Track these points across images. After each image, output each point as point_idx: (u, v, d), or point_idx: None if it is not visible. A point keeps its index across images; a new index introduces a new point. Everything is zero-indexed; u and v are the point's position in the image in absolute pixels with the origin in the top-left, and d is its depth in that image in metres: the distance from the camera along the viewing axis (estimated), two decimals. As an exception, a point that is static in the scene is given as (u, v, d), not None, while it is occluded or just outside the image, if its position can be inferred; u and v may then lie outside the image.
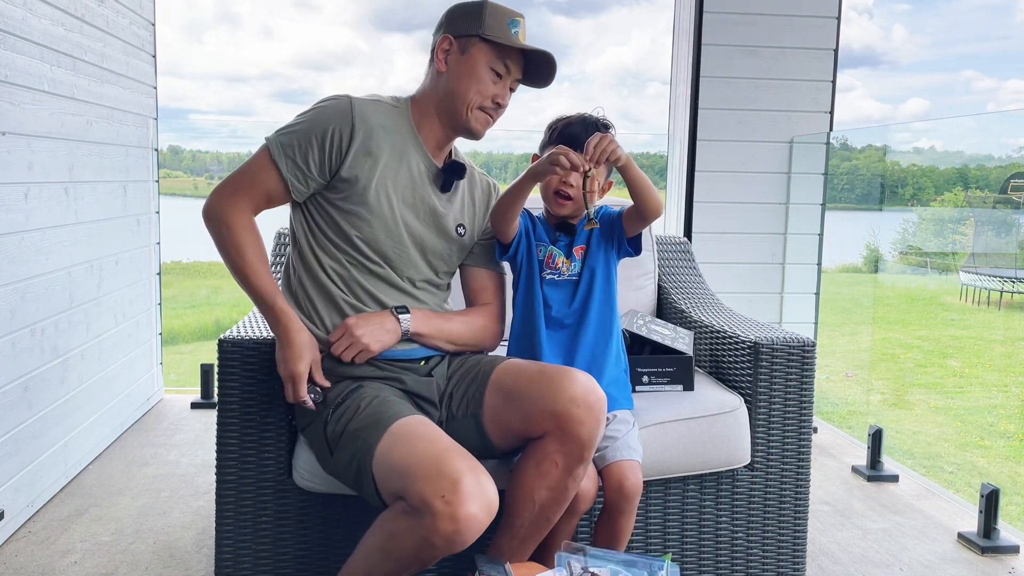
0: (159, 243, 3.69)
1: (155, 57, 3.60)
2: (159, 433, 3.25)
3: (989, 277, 6.97)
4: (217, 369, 1.77)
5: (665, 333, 2.13)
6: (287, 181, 1.66)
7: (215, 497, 1.81)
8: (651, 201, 1.71)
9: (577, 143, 1.71)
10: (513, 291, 1.90)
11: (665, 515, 1.94)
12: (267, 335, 1.78)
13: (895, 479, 2.92)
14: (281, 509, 1.81)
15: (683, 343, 2.09)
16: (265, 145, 1.68)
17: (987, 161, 6.73)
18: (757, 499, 1.97)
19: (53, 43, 2.57)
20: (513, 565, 1.53)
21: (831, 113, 3.72)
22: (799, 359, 1.95)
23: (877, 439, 2.98)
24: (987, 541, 2.37)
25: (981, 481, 2.43)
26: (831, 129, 3.73)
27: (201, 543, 2.30)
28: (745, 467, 1.96)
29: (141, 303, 3.46)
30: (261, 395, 1.77)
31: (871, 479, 2.92)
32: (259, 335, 1.79)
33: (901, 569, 2.26)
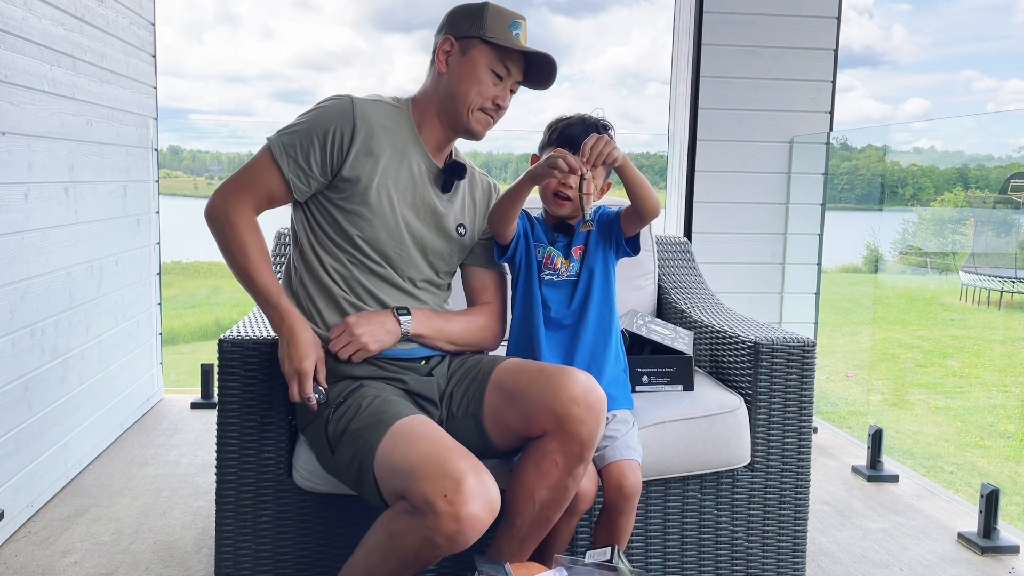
0: (159, 243, 3.69)
1: (155, 57, 3.60)
2: (159, 433, 3.25)
3: (989, 277, 6.97)
4: (217, 369, 1.77)
5: (665, 333, 2.13)
6: (289, 181, 1.67)
7: (215, 497, 1.81)
8: (649, 201, 1.71)
9: (576, 144, 1.72)
10: (512, 292, 1.90)
11: (665, 515, 1.94)
12: (267, 335, 1.78)
13: (895, 479, 2.92)
14: (281, 509, 1.81)
15: (683, 343, 2.09)
16: (267, 145, 1.68)
17: (987, 161, 6.73)
18: (757, 499, 1.97)
19: (53, 43, 2.57)
20: (513, 565, 1.53)
21: (831, 113, 3.72)
22: (799, 359, 1.95)
23: (877, 439, 2.98)
24: (987, 541, 2.37)
25: (981, 481, 2.43)
26: (831, 129, 3.73)
27: (201, 543, 2.30)
28: (745, 467, 1.96)
29: (141, 303, 3.46)
30: (261, 395, 1.77)
31: (871, 479, 2.92)
32: (259, 335, 1.79)
33: (901, 569, 2.26)
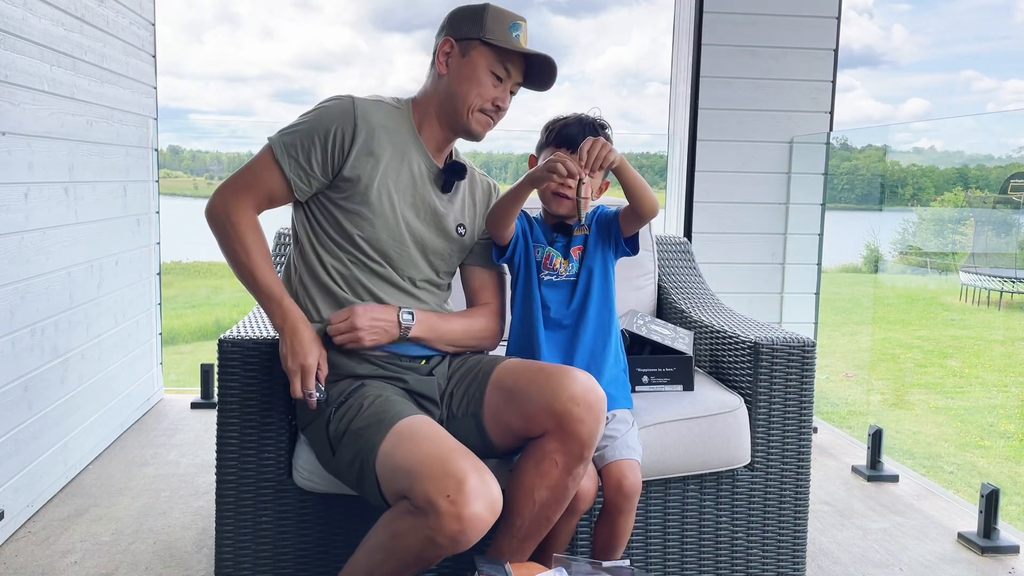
0: (159, 243, 3.69)
1: (155, 57, 3.60)
2: (159, 433, 3.25)
3: (989, 277, 6.97)
4: (217, 369, 1.77)
5: (665, 333, 2.13)
6: (290, 180, 1.67)
7: (215, 497, 1.81)
8: (647, 201, 1.71)
9: (574, 143, 1.75)
10: (511, 292, 1.90)
11: (665, 515, 1.94)
12: (267, 335, 1.78)
13: (895, 479, 2.92)
14: (281, 509, 1.81)
15: (683, 343, 2.09)
16: (268, 145, 1.68)
17: (987, 161, 6.73)
18: (757, 499, 1.97)
19: (53, 43, 2.57)
20: (513, 565, 1.53)
21: (831, 113, 3.72)
22: (799, 359, 1.95)
23: (877, 439, 2.98)
24: (987, 541, 2.37)
25: (981, 481, 2.43)
26: (831, 129, 3.73)
27: (201, 543, 2.30)
28: (745, 467, 1.96)
29: (141, 303, 3.46)
30: (261, 395, 1.77)
31: (871, 479, 2.92)
32: (259, 335, 1.79)
33: (901, 569, 2.26)
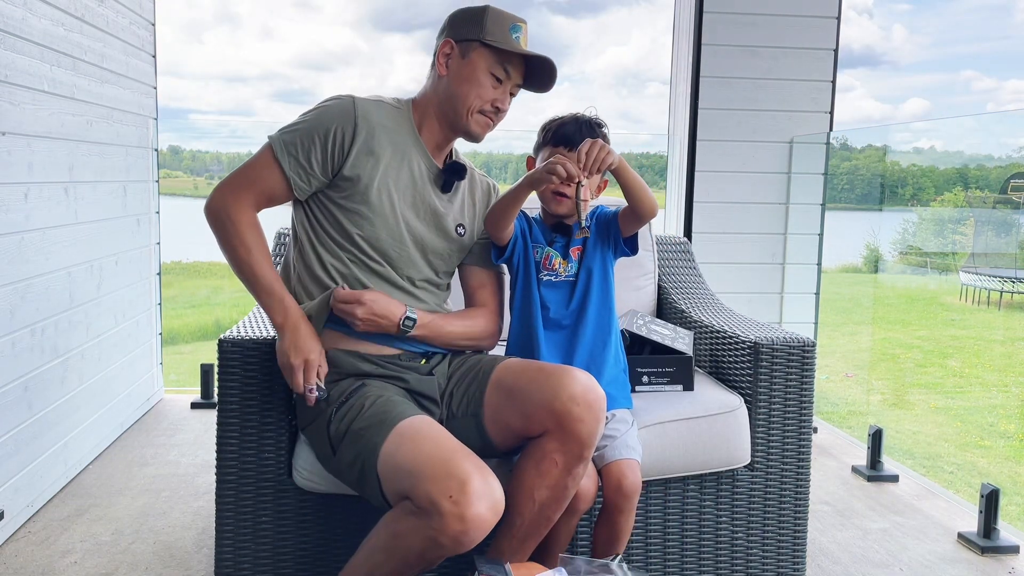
0: (159, 243, 3.69)
1: (155, 57, 3.60)
2: (159, 433, 3.25)
3: (989, 277, 6.97)
4: (217, 369, 1.77)
5: (665, 333, 2.13)
6: (289, 179, 1.67)
7: (215, 497, 1.81)
8: (646, 202, 1.71)
9: (571, 142, 1.76)
10: (511, 292, 1.90)
11: (665, 515, 1.94)
12: (267, 335, 1.78)
13: (895, 479, 2.92)
14: (281, 509, 1.81)
15: (683, 343, 2.09)
16: (268, 143, 1.69)
17: (987, 161, 6.73)
18: (757, 499, 1.97)
19: (53, 43, 2.57)
20: (513, 565, 1.53)
21: (831, 113, 3.72)
22: (799, 359, 1.95)
23: (877, 439, 2.98)
24: (987, 541, 2.37)
25: (981, 481, 2.43)
26: (831, 129, 3.73)
27: (201, 543, 2.30)
28: (745, 467, 1.96)
29: (141, 303, 3.46)
30: (261, 395, 1.77)
31: (871, 479, 2.92)
32: (259, 335, 1.79)
33: (901, 569, 2.26)
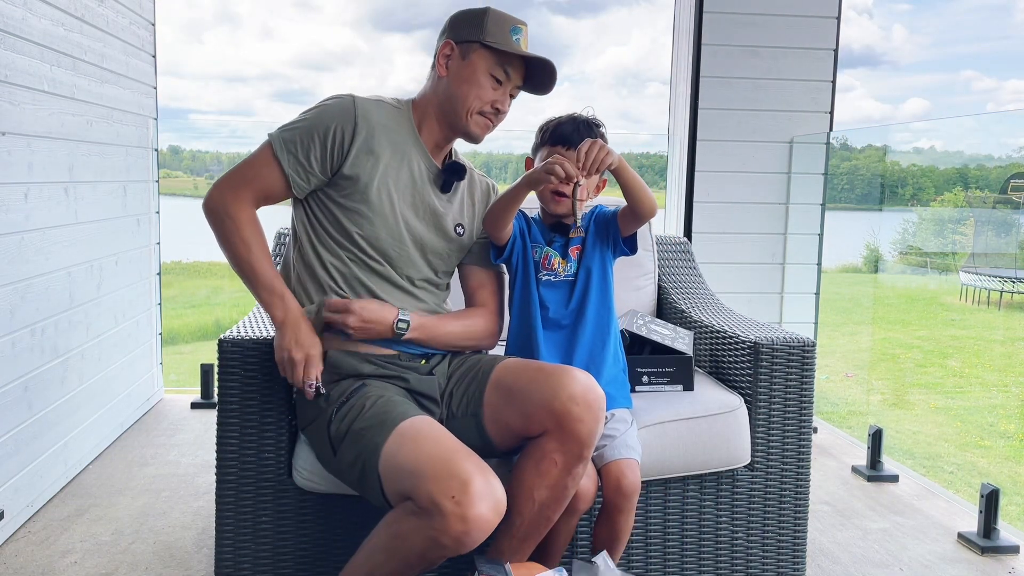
0: (159, 243, 3.69)
1: (155, 57, 3.60)
2: (159, 433, 3.25)
3: (989, 277, 6.97)
4: (217, 369, 1.77)
5: (665, 333, 2.13)
6: (288, 177, 1.67)
7: (215, 497, 1.81)
8: (645, 201, 1.71)
9: (569, 141, 1.76)
10: (510, 292, 1.90)
11: (665, 515, 1.94)
12: (267, 335, 1.78)
13: (895, 479, 2.92)
14: (281, 509, 1.81)
15: (683, 343, 2.09)
16: (268, 141, 1.69)
17: (987, 161, 6.74)
18: (757, 499, 1.97)
19: (53, 43, 2.57)
20: (513, 565, 1.53)
21: (831, 113, 3.72)
22: (799, 359, 1.95)
23: (877, 439, 2.98)
24: (987, 541, 2.37)
25: (981, 481, 2.43)
26: (831, 129, 3.73)
27: (201, 543, 2.30)
28: (745, 467, 1.96)
29: (141, 303, 3.46)
30: (261, 395, 1.77)
31: (871, 479, 2.92)
32: (259, 335, 1.79)
33: (901, 569, 2.26)
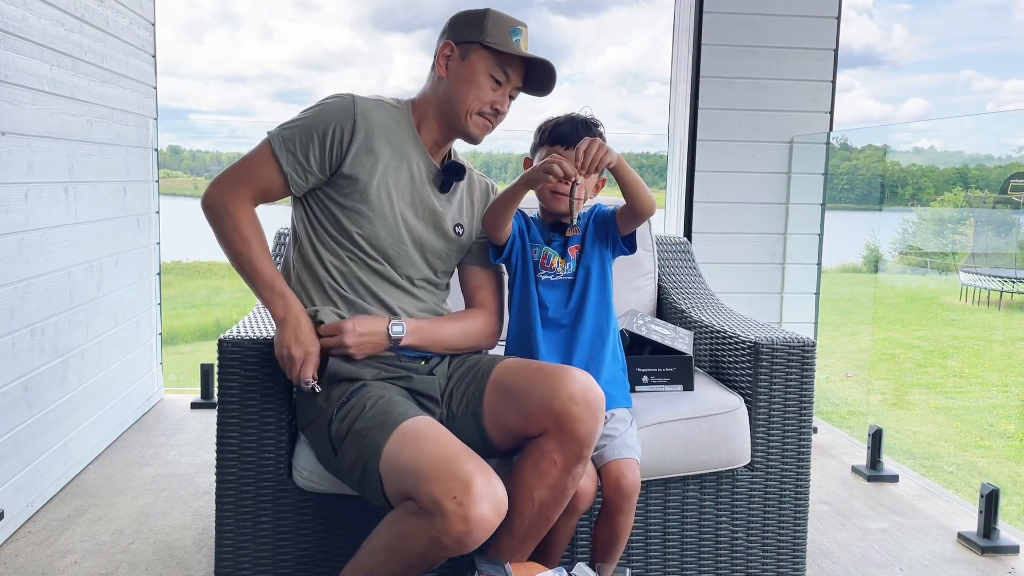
0: (159, 243, 3.69)
1: (155, 57, 3.60)
2: (159, 433, 3.25)
3: (989, 277, 6.97)
4: (217, 369, 1.77)
5: (665, 333, 2.13)
6: (286, 175, 1.67)
7: (215, 497, 1.81)
8: (644, 200, 1.71)
9: (568, 141, 1.77)
10: (509, 292, 1.90)
11: (665, 515, 1.94)
12: (267, 335, 1.78)
13: (895, 479, 2.92)
14: (281, 509, 1.81)
15: (683, 343, 2.09)
16: (267, 139, 1.69)
17: (987, 161, 6.74)
18: (757, 499, 1.97)
19: (53, 43, 2.57)
20: (513, 565, 1.53)
21: (831, 113, 3.72)
22: (799, 359, 1.95)
23: (877, 439, 2.98)
24: (987, 541, 2.37)
25: (981, 481, 2.43)
26: (831, 129, 3.73)
27: (201, 543, 2.30)
28: (745, 467, 1.96)
29: (141, 303, 3.46)
30: (261, 395, 1.77)
31: (871, 479, 2.92)
32: (259, 335, 1.79)
33: (901, 569, 2.26)
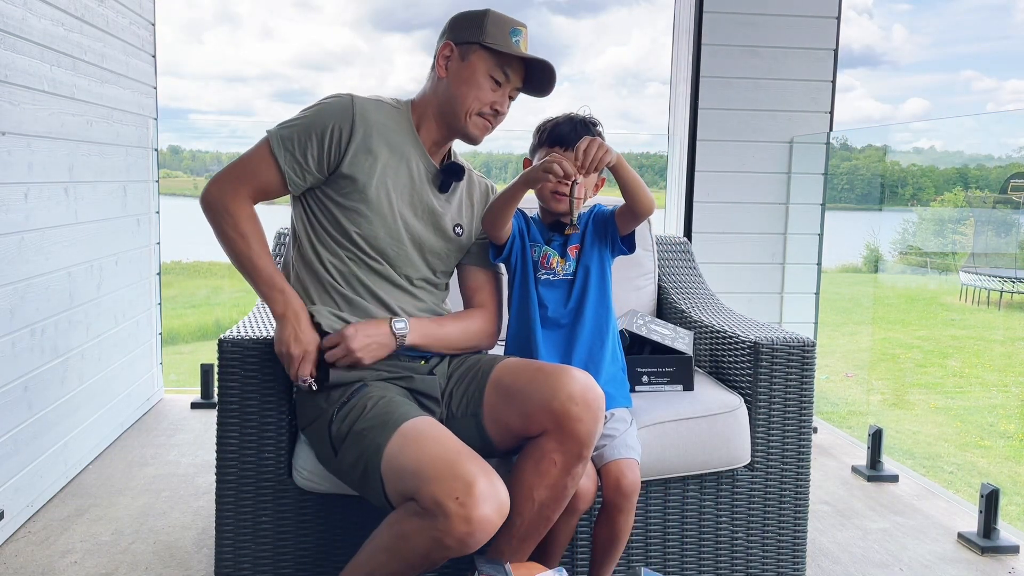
0: (159, 243, 3.69)
1: (155, 57, 3.60)
2: (159, 433, 3.25)
3: (989, 277, 6.97)
4: (217, 369, 1.77)
5: (665, 333, 2.13)
6: (284, 174, 1.67)
7: (215, 497, 1.81)
8: (643, 199, 1.71)
9: (567, 141, 1.76)
10: (508, 292, 1.90)
11: (665, 515, 1.94)
12: (267, 335, 1.78)
13: (895, 479, 2.92)
14: (281, 509, 1.81)
15: (683, 343, 2.09)
16: (266, 137, 1.69)
17: (987, 161, 6.74)
18: (757, 499, 1.97)
19: (53, 43, 2.57)
20: (513, 565, 1.53)
21: (831, 113, 3.72)
22: (799, 359, 1.95)
23: (877, 439, 2.98)
24: (987, 541, 2.37)
25: (981, 481, 2.43)
26: (831, 129, 3.73)
27: (201, 543, 2.30)
28: (745, 467, 1.96)
29: (141, 303, 3.46)
30: (261, 395, 1.77)
31: (871, 479, 2.92)
32: (259, 335, 1.79)
33: (901, 569, 2.26)
